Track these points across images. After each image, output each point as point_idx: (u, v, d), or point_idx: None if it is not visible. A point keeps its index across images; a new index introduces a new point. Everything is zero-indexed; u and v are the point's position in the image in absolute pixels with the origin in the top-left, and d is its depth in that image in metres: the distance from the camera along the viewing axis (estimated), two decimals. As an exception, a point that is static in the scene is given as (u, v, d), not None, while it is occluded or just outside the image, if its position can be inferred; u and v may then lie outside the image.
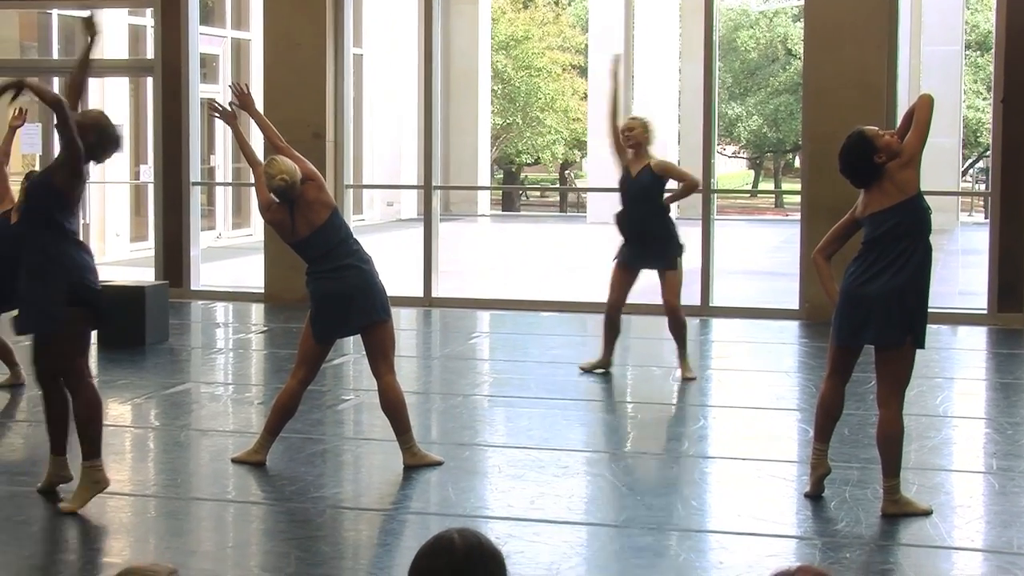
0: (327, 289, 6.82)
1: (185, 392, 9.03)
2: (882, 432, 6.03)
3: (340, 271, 6.81)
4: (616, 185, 9.48)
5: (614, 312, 9.48)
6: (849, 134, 6.23)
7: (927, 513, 6.07)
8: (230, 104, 7.25)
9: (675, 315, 9.22)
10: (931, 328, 6.21)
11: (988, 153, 8.28)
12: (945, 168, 25.20)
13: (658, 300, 9.41)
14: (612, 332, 9.53)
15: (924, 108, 6.22)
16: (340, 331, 7.02)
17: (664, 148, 28.52)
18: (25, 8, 16.55)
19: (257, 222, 20.99)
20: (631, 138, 9.32)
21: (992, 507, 6.33)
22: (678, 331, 9.28)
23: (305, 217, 6.82)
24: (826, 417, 6.29)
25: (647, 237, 9.19)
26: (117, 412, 8.45)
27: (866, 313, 5.96)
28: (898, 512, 6.02)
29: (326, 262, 6.84)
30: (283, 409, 6.97)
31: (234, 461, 6.98)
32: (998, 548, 5.73)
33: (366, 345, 6.96)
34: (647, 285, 9.66)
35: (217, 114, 7.27)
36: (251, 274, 14.51)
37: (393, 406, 6.87)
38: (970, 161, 34.67)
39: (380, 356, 6.90)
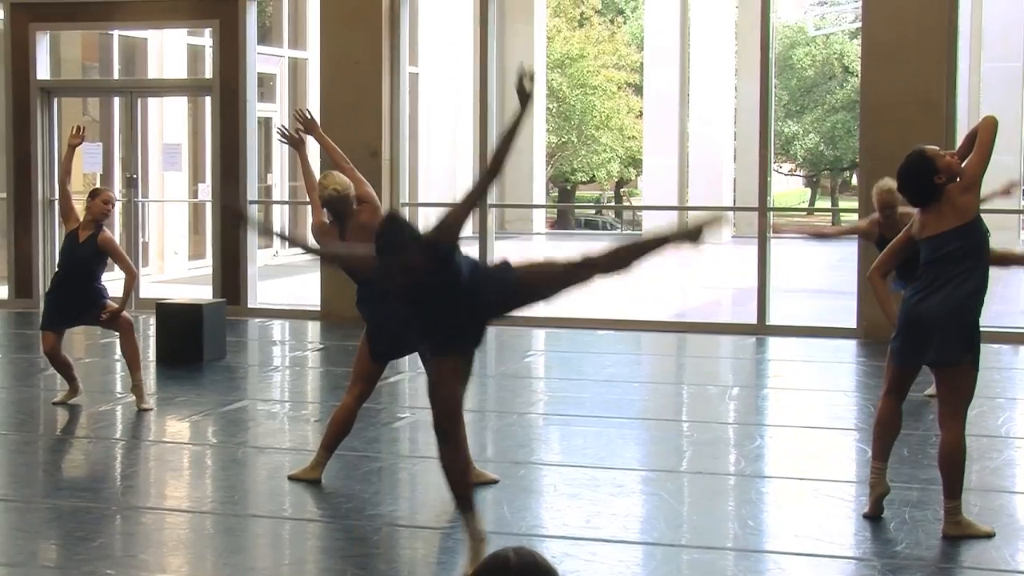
0: (379, 313, 6.84)
1: (242, 409, 9.08)
2: (944, 452, 5.97)
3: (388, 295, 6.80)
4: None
5: None
6: (909, 153, 6.17)
7: (989, 536, 5.99)
8: (296, 130, 7.28)
9: None
10: (992, 347, 6.17)
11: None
12: (1005, 185, 24.94)
13: (705, 318, 9.35)
14: None
15: (987, 130, 6.15)
16: (395, 353, 7.05)
17: (721, 167, 28.46)
18: (87, 29, 16.74)
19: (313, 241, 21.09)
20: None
21: (1055, 529, 6.24)
22: None
23: (357, 240, 6.83)
24: (884, 435, 6.23)
25: None
26: (175, 429, 8.52)
27: (927, 333, 5.91)
28: (960, 534, 5.95)
29: (373, 287, 6.84)
30: (339, 425, 7.00)
31: (290, 479, 7.02)
32: (1061, 571, 5.65)
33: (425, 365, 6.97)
34: (704, 302, 9.62)
35: (284, 139, 7.30)
36: (307, 292, 14.58)
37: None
38: (1031, 179, 34.28)
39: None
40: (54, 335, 8.98)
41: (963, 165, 6.08)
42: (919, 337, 5.94)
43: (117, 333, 9.08)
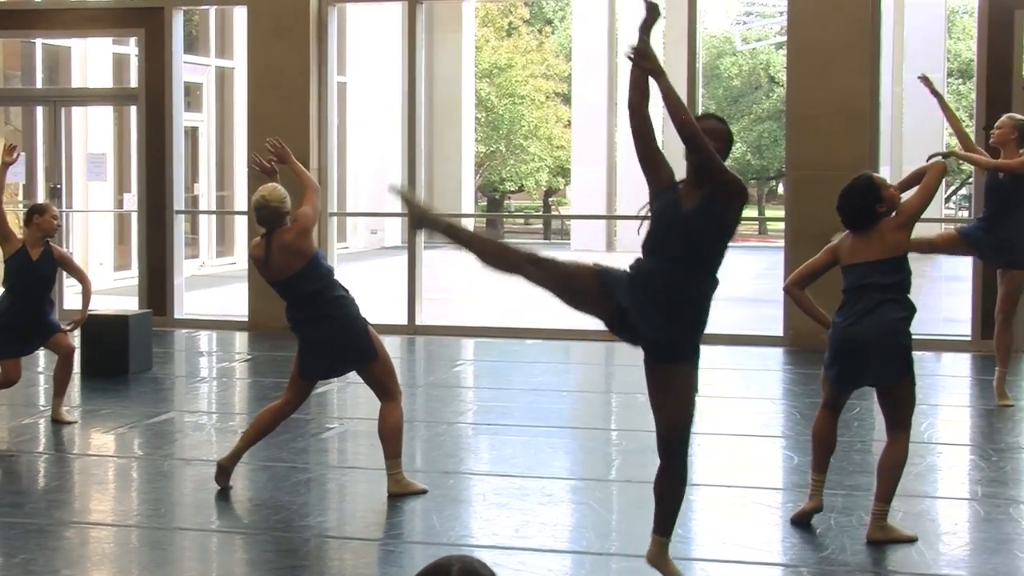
0: (305, 337, 6.87)
1: (168, 421, 9.00)
2: (889, 458, 6.05)
3: (315, 321, 6.81)
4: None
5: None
6: (857, 176, 6.29)
7: (912, 540, 6.07)
8: (269, 160, 7.20)
9: None
10: (915, 355, 6.24)
11: (971, 180, 8.33)
12: (928, 194, 25.27)
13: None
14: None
15: (935, 174, 6.28)
16: (323, 375, 7.06)
17: (648, 175, 28.61)
18: (9, 37, 16.54)
19: (241, 250, 20.98)
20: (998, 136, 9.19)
21: (977, 534, 6.33)
22: None
23: (278, 262, 6.80)
24: (821, 450, 6.32)
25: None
26: (100, 442, 8.42)
27: (863, 357, 5.99)
28: (884, 539, 6.03)
29: (301, 310, 6.85)
30: (260, 421, 7.04)
31: (219, 464, 7.03)
32: (983, 575, 5.73)
33: (363, 379, 6.99)
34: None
35: (259, 169, 7.22)
36: (235, 302, 14.49)
37: (390, 429, 6.89)
38: (953, 188, 34.81)
39: (378, 388, 6.97)
40: (16, 361, 8.73)
41: (903, 202, 6.16)
42: (856, 362, 6.03)
43: (56, 354, 8.90)
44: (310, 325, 6.83)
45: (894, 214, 6.11)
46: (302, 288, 6.80)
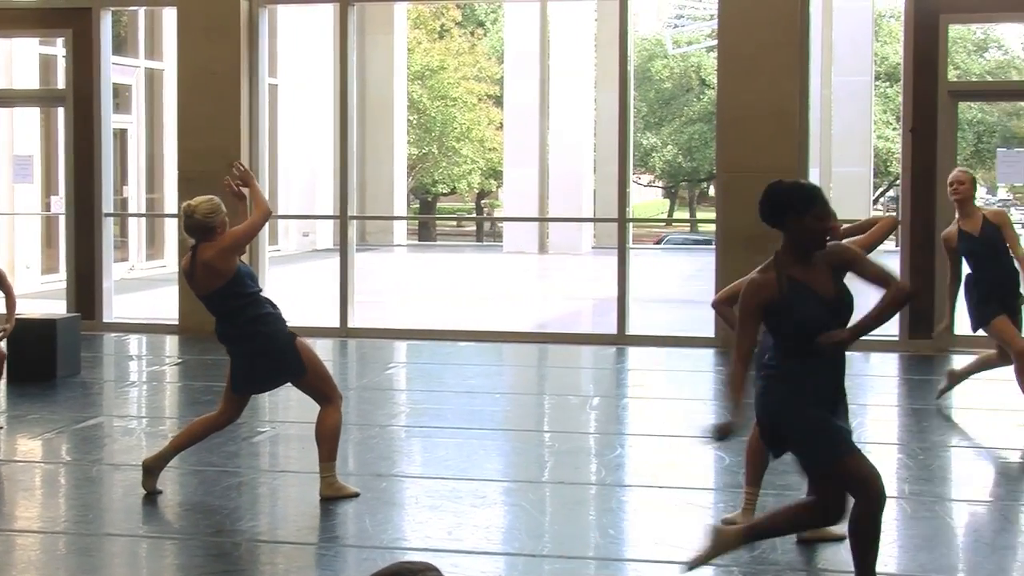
0: (232, 352, 6.88)
1: (97, 426, 8.90)
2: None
3: (239, 338, 6.80)
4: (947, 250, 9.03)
5: None
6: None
7: (841, 539, 6.13)
8: (237, 185, 7.11)
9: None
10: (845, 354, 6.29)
11: (898, 182, 8.44)
12: (857, 196, 25.62)
13: (565, 328, 9.41)
14: None
15: (884, 228, 6.36)
16: (253, 391, 7.03)
17: (581, 178, 28.72)
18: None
19: (171, 253, 20.81)
20: (959, 192, 8.97)
21: (904, 532, 6.40)
22: None
23: (200, 277, 6.78)
24: (754, 460, 6.35)
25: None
26: (27, 448, 8.32)
27: None
28: (813, 538, 6.08)
29: (225, 326, 6.83)
30: (192, 429, 7.06)
31: (144, 464, 6.99)
32: (910, 572, 5.81)
33: (299, 389, 6.99)
34: (565, 313, 9.68)
35: (230, 193, 7.10)
36: (165, 306, 14.36)
37: (326, 431, 6.87)
38: (881, 190, 35.25)
39: (315, 396, 6.97)
40: None
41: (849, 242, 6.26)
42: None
43: None
44: (234, 341, 6.82)
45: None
46: (224, 305, 6.78)
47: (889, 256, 9.24)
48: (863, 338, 5.26)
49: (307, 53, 26.89)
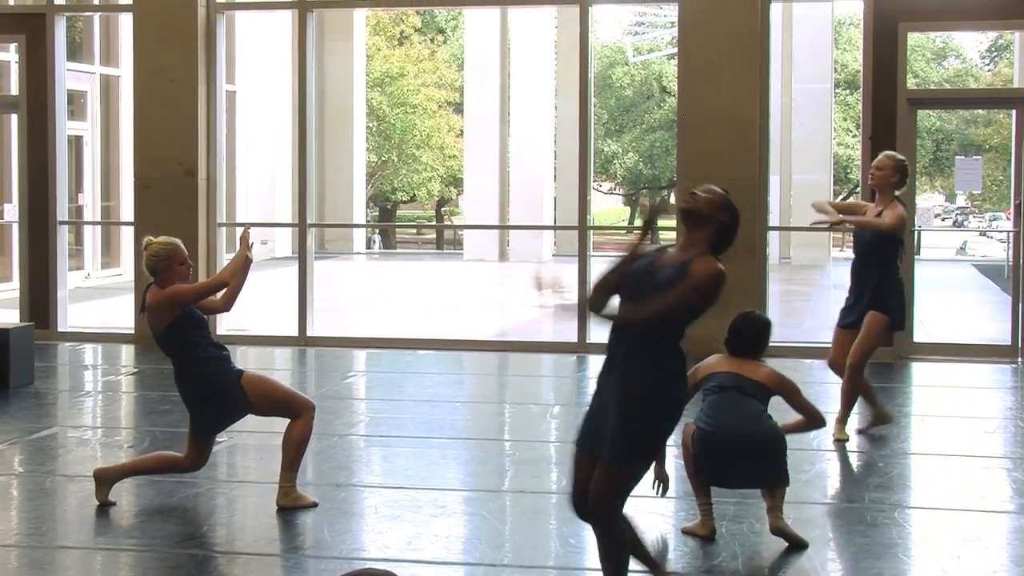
0: (179, 393, 6.97)
1: (51, 437, 8.83)
2: None
3: (180, 381, 6.89)
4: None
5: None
6: (764, 317, 6.72)
7: (803, 546, 6.16)
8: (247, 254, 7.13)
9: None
10: (804, 363, 6.35)
11: (858, 189, 8.49)
12: (817, 204, 25.69)
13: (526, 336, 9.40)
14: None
15: (796, 395, 6.44)
16: (208, 433, 7.00)
17: (542, 185, 28.76)
18: None
19: (127, 261, 20.69)
20: (875, 178, 8.68)
21: (864, 539, 6.43)
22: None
23: (147, 316, 6.86)
24: (701, 479, 6.41)
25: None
26: (-20, 458, 8.24)
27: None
28: (783, 530, 6.14)
29: (173, 363, 6.91)
30: (155, 459, 7.10)
31: (96, 473, 6.99)
32: (871, 579, 5.83)
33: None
34: (525, 321, 9.67)
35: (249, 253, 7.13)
36: (121, 315, 14.27)
37: (290, 440, 6.88)
38: (840, 197, 35.46)
39: (282, 415, 6.99)
40: None
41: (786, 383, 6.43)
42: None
43: None
44: (178, 383, 6.92)
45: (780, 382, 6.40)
46: (166, 347, 6.88)
47: (849, 264, 9.25)
48: (824, 346, 5.30)
49: (265, 59, 26.81)
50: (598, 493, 4.96)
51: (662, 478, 5.72)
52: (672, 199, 5.35)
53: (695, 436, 6.26)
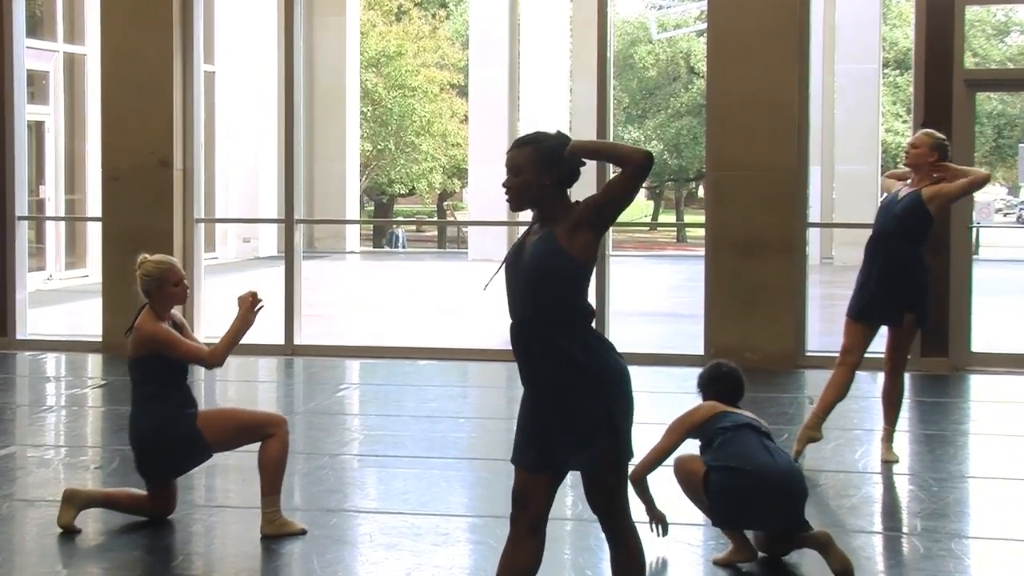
0: (129, 432, 7.15)
1: (9, 457, 8.85)
2: None
3: (135, 415, 7.06)
4: None
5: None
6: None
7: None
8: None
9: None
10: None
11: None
12: (863, 197, 25.73)
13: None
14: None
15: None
16: (160, 478, 7.09)
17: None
18: None
19: (94, 262, 20.73)
20: (909, 156, 8.59)
21: (916, 571, 6.43)
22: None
23: (131, 340, 7.07)
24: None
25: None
26: (-70, 480, 8.26)
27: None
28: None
29: (131, 391, 7.11)
30: (125, 496, 7.18)
31: (64, 488, 7.05)
32: (924, 616, 5.82)
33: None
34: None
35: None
36: (87, 321, 14.30)
37: (267, 460, 6.92)
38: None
39: (252, 440, 7.04)
40: None
41: None
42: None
43: None
44: (130, 418, 7.08)
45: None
46: (131, 372, 7.07)
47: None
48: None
49: (248, 37, 26.86)
50: (609, 493, 5.06)
51: (659, 519, 5.80)
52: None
53: (714, 478, 6.30)
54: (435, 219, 43.13)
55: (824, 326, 15.46)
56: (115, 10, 13.20)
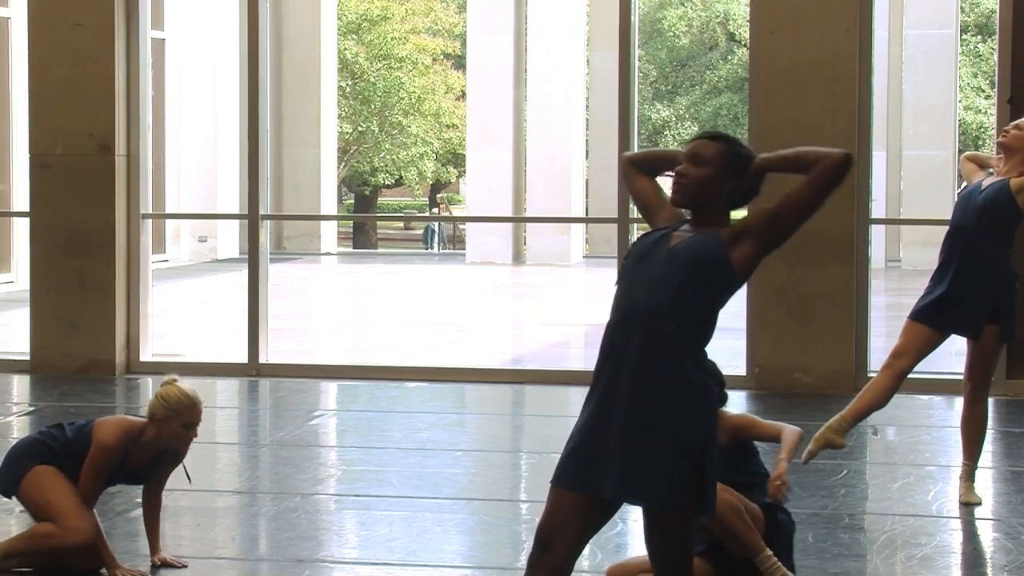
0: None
1: (-79, 496, 8.84)
2: None
3: None
4: None
5: None
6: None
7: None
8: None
9: None
10: (919, 399, 6.34)
11: (994, 169, 8.41)
12: (937, 187, 25.76)
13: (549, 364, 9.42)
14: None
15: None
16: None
17: (569, 164, 28.79)
18: None
19: (19, 266, 20.73)
20: (1008, 136, 8.57)
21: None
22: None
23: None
24: None
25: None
26: None
27: None
28: None
29: None
30: (46, 535, 7.14)
31: None
32: None
33: None
34: (547, 344, 9.68)
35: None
36: (12, 336, 14.30)
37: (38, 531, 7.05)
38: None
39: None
40: None
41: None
42: None
43: None
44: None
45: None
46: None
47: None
48: (944, 378, 5.27)
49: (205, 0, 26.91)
50: (682, 554, 5.06)
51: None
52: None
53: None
54: (426, 215, 43.18)
55: (890, 342, 15.40)
56: (46, -34, 13.22)
